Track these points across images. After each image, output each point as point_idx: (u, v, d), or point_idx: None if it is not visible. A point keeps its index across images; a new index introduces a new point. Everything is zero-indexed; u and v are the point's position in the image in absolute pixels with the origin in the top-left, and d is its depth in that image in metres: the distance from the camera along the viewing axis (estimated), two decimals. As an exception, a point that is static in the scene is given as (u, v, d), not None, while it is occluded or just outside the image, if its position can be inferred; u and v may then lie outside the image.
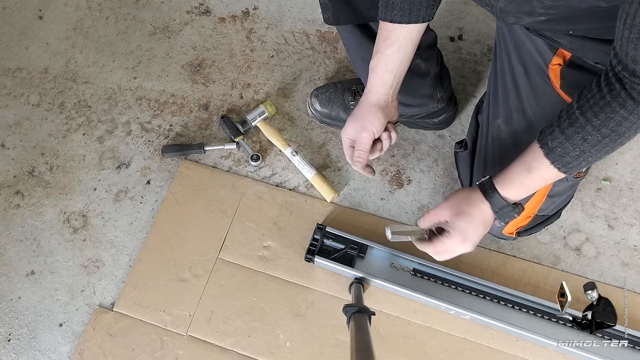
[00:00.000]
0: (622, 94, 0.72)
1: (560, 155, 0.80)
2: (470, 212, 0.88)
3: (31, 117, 1.43)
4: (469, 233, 0.88)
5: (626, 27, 0.65)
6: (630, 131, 0.75)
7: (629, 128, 0.75)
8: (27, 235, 1.29)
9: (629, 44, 0.66)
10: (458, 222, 0.89)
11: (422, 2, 0.88)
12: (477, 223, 0.89)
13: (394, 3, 0.88)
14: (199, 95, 1.44)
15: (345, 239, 1.18)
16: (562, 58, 0.91)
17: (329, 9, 1.03)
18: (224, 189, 1.31)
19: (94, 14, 1.58)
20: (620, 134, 0.76)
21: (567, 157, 0.80)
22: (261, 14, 1.55)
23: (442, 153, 1.35)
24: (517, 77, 0.98)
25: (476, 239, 0.89)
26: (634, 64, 0.68)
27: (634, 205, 1.28)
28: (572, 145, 0.79)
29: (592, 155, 0.79)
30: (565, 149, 0.80)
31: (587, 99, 0.77)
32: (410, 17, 0.89)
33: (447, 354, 1.13)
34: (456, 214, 0.89)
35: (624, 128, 0.75)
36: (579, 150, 0.79)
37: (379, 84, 0.94)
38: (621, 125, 0.74)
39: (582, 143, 0.78)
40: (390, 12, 0.89)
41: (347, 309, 0.96)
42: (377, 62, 0.93)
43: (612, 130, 0.75)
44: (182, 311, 1.18)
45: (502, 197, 0.87)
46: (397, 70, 0.94)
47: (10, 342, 1.19)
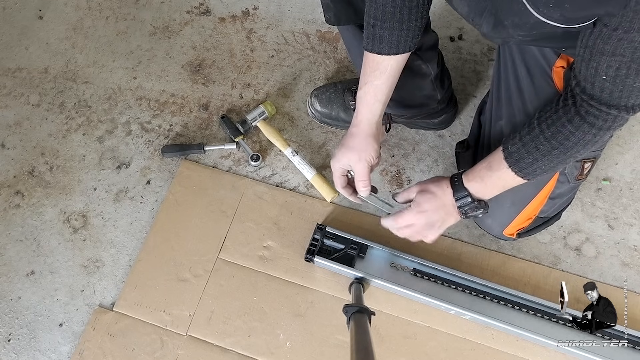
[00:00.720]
0: (572, 110, 0.77)
1: (516, 160, 0.86)
2: (434, 192, 0.94)
3: (31, 117, 1.43)
4: (426, 208, 0.94)
5: (581, 47, 0.70)
6: (578, 146, 0.80)
7: (576, 143, 0.79)
8: (27, 235, 1.29)
9: (582, 62, 0.71)
10: (419, 197, 0.95)
11: (409, 33, 0.91)
12: (436, 202, 0.94)
13: (381, 36, 0.90)
14: (199, 95, 1.44)
15: (345, 239, 1.18)
16: (565, 61, 0.91)
17: (331, 9, 1.03)
18: (224, 189, 1.31)
19: (94, 14, 1.58)
20: (568, 147, 0.81)
21: (522, 162, 0.85)
22: (261, 14, 1.55)
23: (442, 153, 1.35)
24: (521, 79, 0.98)
25: (434, 217, 0.94)
26: (585, 81, 0.73)
27: (634, 205, 1.28)
28: (527, 152, 0.84)
29: (545, 164, 0.84)
30: (521, 154, 0.85)
31: (546, 111, 0.82)
32: (397, 48, 0.92)
33: (447, 354, 1.13)
34: (420, 191, 0.96)
35: (571, 142, 0.80)
36: (532, 158, 0.84)
37: (370, 115, 0.98)
38: (568, 139, 0.79)
39: (535, 151, 0.83)
40: (377, 45, 0.91)
41: (347, 309, 0.96)
42: (366, 93, 0.96)
43: (560, 143, 0.80)
44: (182, 311, 1.18)
45: (464, 186, 0.92)
46: (386, 99, 0.97)
47: (10, 342, 1.19)
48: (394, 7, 0.87)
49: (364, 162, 0.99)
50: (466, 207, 0.93)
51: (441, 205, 0.94)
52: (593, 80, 0.71)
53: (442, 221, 0.95)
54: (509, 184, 0.91)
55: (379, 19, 0.89)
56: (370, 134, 0.98)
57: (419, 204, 0.95)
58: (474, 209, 0.93)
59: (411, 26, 0.90)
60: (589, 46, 0.69)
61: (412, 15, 0.89)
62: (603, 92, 0.72)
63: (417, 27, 0.91)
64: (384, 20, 0.89)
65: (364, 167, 0.99)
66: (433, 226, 0.95)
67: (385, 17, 0.89)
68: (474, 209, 0.93)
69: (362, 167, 1.00)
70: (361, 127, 0.98)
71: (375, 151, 0.99)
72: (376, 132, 0.99)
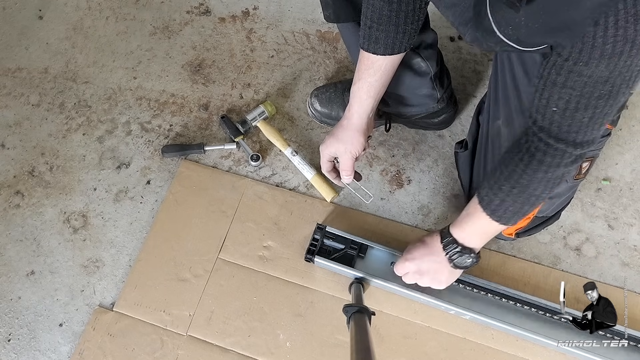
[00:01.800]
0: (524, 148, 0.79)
1: (487, 203, 0.88)
2: (424, 240, 1.02)
3: (31, 117, 1.43)
4: (415, 256, 1.01)
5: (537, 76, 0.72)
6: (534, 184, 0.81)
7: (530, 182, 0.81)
8: (27, 235, 1.29)
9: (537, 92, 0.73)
10: (411, 245, 1.05)
11: (405, 36, 0.93)
12: (424, 249, 1.00)
13: (377, 37, 0.93)
14: (199, 95, 1.44)
15: (345, 239, 1.18)
16: None
17: (330, 6, 1.04)
18: (224, 189, 1.31)
19: (94, 14, 1.58)
20: (524, 185, 0.82)
21: (492, 204, 0.87)
22: (261, 14, 1.55)
23: (442, 153, 1.35)
24: (518, 78, 0.98)
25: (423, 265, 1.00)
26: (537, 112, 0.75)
27: (634, 205, 1.28)
28: (494, 194, 0.86)
29: (511, 205, 0.85)
30: (490, 197, 0.87)
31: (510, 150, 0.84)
32: (393, 49, 0.94)
33: (447, 354, 1.13)
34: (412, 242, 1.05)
35: (526, 181, 0.81)
36: (498, 199, 0.86)
37: (361, 110, 1.02)
38: (522, 177, 0.81)
39: (499, 192, 0.85)
40: (373, 45, 0.94)
41: (347, 309, 0.96)
42: (360, 89, 1.00)
43: (516, 182, 0.82)
44: (182, 311, 1.18)
45: (450, 233, 0.96)
46: (378, 95, 1.02)
47: (10, 342, 1.19)
48: (390, 10, 0.88)
49: (349, 154, 1.07)
50: (453, 255, 0.96)
51: (428, 253, 0.99)
52: (544, 111, 0.73)
53: (434, 270, 0.99)
54: (488, 230, 0.92)
55: (375, 21, 0.90)
56: (359, 129, 1.04)
57: (408, 251, 1.03)
58: (461, 255, 0.95)
59: (407, 29, 0.92)
60: (543, 76, 0.70)
61: (408, 19, 0.90)
62: (552, 124, 0.73)
63: (413, 29, 0.93)
64: (380, 23, 0.90)
65: (349, 159, 1.08)
66: (423, 274, 1.00)
67: (381, 20, 0.90)
68: (461, 255, 0.95)
69: (346, 159, 1.08)
70: (352, 120, 1.04)
71: (361, 145, 1.06)
72: (365, 127, 1.05)
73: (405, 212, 1.28)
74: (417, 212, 1.28)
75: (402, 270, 1.04)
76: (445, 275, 1.00)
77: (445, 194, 1.30)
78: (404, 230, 1.25)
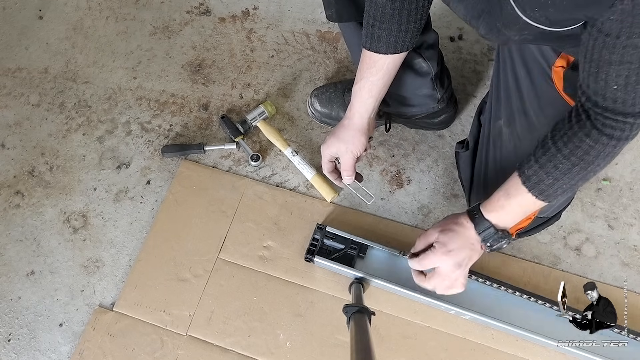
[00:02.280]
0: (587, 124, 0.76)
1: (535, 183, 0.84)
2: (455, 229, 0.92)
3: (31, 117, 1.43)
4: (451, 247, 0.91)
5: (586, 61, 0.69)
6: (599, 159, 0.79)
7: (597, 157, 0.78)
8: (27, 235, 1.29)
9: (590, 77, 0.70)
10: (442, 236, 0.92)
11: (407, 34, 0.92)
12: (460, 240, 0.92)
13: (380, 36, 0.92)
14: (199, 95, 1.44)
15: (345, 239, 1.18)
16: (565, 60, 0.91)
17: (332, 5, 1.04)
18: (224, 189, 1.31)
19: (94, 14, 1.58)
20: (588, 162, 0.79)
21: (542, 184, 0.84)
22: (261, 14, 1.55)
23: (442, 153, 1.35)
24: (520, 79, 0.98)
25: (460, 256, 0.91)
26: (595, 95, 0.72)
27: (634, 205, 1.28)
28: (546, 173, 0.83)
29: (566, 182, 0.83)
30: (540, 176, 0.83)
31: (559, 129, 0.81)
32: (395, 48, 0.93)
33: (447, 354, 1.13)
34: (441, 231, 0.93)
35: (592, 157, 0.78)
36: (552, 178, 0.83)
37: (363, 109, 1.01)
38: (588, 154, 0.78)
39: (554, 171, 0.82)
40: (376, 44, 0.93)
41: (347, 309, 0.96)
42: (361, 88, 0.99)
43: (580, 159, 0.79)
44: (182, 311, 1.18)
45: (485, 218, 0.90)
46: (379, 95, 1.01)
47: (10, 342, 1.19)
48: (392, 9, 0.88)
49: (350, 154, 1.06)
50: (490, 240, 0.90)
51: (466, 242, 0.92)
52: (604, 92, 0.70)
53: (468, 259, 0.92)
54: (530, 209, 0.89)
55: (377, 20, 0.90)
56: (360, 129, 1.03)
57: (444, 244, 0.92)
58: (498, 239, 0.91)
59: (409, 28, 0.91)
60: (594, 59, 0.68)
61: (410, 18, 0.90)
62: (616, 102, 0.71)
63: (416, 28, 0.92)
64: (382, 21, 0.90)
65: (350, 158, 1.07)
66: (460, 265, 0.92)
67: (384, 19, 0.89)
68: (498, 239, 0.91)
69: (348, 159, 1.07)
70: (353, 120, 1.03)
71: (362, 145, 1.05)
72: (366, 127, 1.04)
73: (405, 212, 1.28)
74: (417, 212, 1.28)
75: (434, 262, 0.93)
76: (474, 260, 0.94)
77: (445, 194, 1.30)
78: (404, 230, 1.25)
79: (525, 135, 1.00)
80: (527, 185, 0.85)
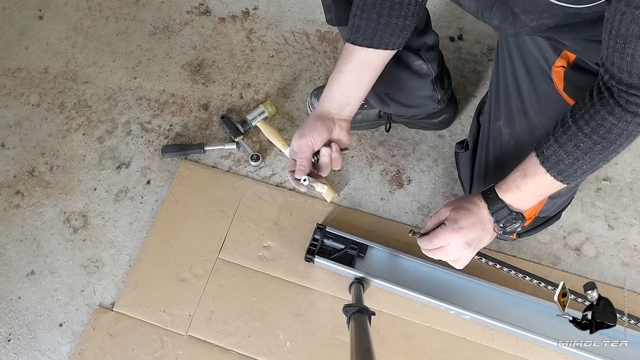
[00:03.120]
0: (610, 102, 0.74)
1: (554, 163, 0.82)
2: (467, 207, 0.89)
3: (31, 117, 1.43)
4: (463, 225, 0.88)
5: (611, 38, 0.67)
6: (622, 138, 0.77)
7: (619, 135, 0.76)
8: (27, 235, 1.29)
9: (615, 53, 0.68)
10: (453, 214, 0.89)
11: (387, 29, 0.88)
12: (472, 218, 0.89)
13: (358, 26, 0.88)
14: (199, 95, 1.44)
15: (345, 239, 1.18)
16: (565, 60, 0.91)
17: (332, 9, 1.03)
18: (224, 189, 1.31)
19: (94, 14, 1.58)
20: (611, 141, 0.77)
21: (561, 164, 0.81)
22: (261, 14, 1.55)
23: (442, 153, 1.35)
24: (520, 78, 0.98)
25: (470, 235, 0.88)
26: (620, 72, 0.70)
27: (634, 205, 1.28)
28: (566, 153, 0.80)
29: (586, 162, 0.80)
30: (559, 156, 0.81)
31: (579, 107, 0.78)
32: (371, 41, 0.88)
33: (447, 354, 1.13)
34: (453, 209, 0.90)
35: (614, 135, 0.76)
36: (572, 158, 0.80)
37: (327, 98, 0.94)
38: (611, 132, 0.76)
39: (575, 150, 0.79)
40: (354, 34, 0.89)
41: (347, 309, 0.96)
42: (332, 78, 0.93)
43: (602, 137, 0.77)
44: (182, 311, 1.18)
45: (499, 197, 0.87)
46: (348, 90, 0.93)
47: (10, 342, 1.19)
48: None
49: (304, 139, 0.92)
50: (503, 220, 0.88)
51: (477, 221, 0.88)
52: (630, 68, 0.68)
53: (479, 239, 0.90)
54: (547, 191, 0.87)
55: (359, 9, 0.87)
56: (318, 116, 0.93)
57: (455, 221, 0.89)
58: (512, 221, 0.88)
59: (390, 22, 0.87)
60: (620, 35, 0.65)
61: (393, 11, 0.86)
62: None
63: (398, 25, 0.88)
64: (363, 10, 0.87)
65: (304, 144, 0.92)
66: (470, 245, 0.89)
67: (365, 8, 0.86)
68: (512, 221, 0.88)
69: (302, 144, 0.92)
70: (318, 109, 0.95)
71: (318, 133, 0.92)
72: (327, 117, 0.93)
73: (405, 212, 1.28)
74: (417, 212, 1.28)
75: (445, 240, 0.89)
76: (485, 243, 0.91)
77: (445, 194, 1.30)
78: (404, 230, 1.25)
79: (525, 135, 1.00)
80: (545, 165, 0.82)
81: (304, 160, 0.93)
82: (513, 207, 0.87)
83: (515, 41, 0.97)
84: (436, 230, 0.90)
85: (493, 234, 0.90)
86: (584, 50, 0.86)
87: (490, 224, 0.89)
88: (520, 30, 0.81)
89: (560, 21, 0.75)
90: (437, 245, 0.90)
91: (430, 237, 0.91)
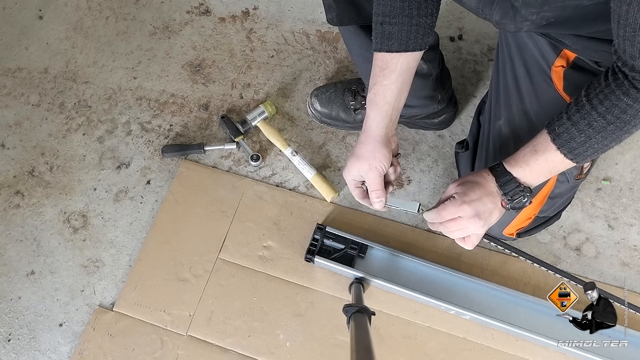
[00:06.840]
0: (625, 83, 0.73)
1: (566, 141, 0.81)
2: (475, 180, 0.88)
3: (31, 117, 1.43)
4: (472, 197, 0.86)
5: (620, 27, 0.67)
6: (636, 119, 0.76)
7: (634, 116, 0.76)
8: (27, 235, 1.29)
9: (625, 41, 0.68)
10: (461, 187, 0.88)
11: (419, 29, 0.87)
12: (480, 191, 0.87)
13: (390, 32, 0.87)
14: (199, 95, 1.44)
15: (345, 239, 1.18)
16: (565, 60, 0.91)
17: (333, 9, 1.02)
18: (224, 189, 1.31)
19: (94, 14, 1.58)
20: (625, 121, 0.76)
21: (573, 142, 0.80)
22: (261, 14, 1.55)
23: (442, 153, 1.35)
24: (519, 78, 0.98)
25: (480, 207, 0.86)
26: (632, 59, 0.70)
27: (634, 205, 1.28)
28: (578, 131, 0.79)
29: (598, 142, 0.80)
30: (572, 134, 0.80)
31: (594, 87, 0.78)
32: (407, 45, 0.88)
33: (447, 354, 1.13)
34: (461, 183, 0.89)
35: (629, 116, 0.76)
36: (584, 136, 0.79)
37: (379, 117, 0.91)
38: (626, 112, 0.75)
39: (588, 129, 0.79)
40: (387, 42, 0.88)
41: (347, 309, 0.96)
42: (375, 94, 0.90)
43: (616, 117, 0.76)
44: (182, 311, 1.18)
45: (507, 170, 0.86)
46: (395, 101, 0.91)
47: (10, 342, 1.19)
48: (402, 2, 0.85)
49: (374, 170, 0.92)
50: (511, 193, 0.86)
51: (486, 193, 0.86)
52: None
53: (489, 212, 0.87)
54: (556, 168, 0.86)
55: (387, 15, 0.86)
56: (379, 140, 0.92)
57: (464, 193, 0.86)
58: (520, 194, 0.86)
59: (421, 22, 0.87)
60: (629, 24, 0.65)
61: (421, 11, 0.86)
62: None
63: (427, 24, 0.88)
64: (392, 15, 0.86)
65: (375, 176, 0.93)
66: (480, 217, 0.86)
67: (394, 13, 0.86)
68: (520, 194, 0.86)
69: (373, 177, 0.93)
70: (370, 133, 0.92)
71: (385, 158, 0.92)
72: (387, 139, 0.93)
73: (405, 212, 1.28)
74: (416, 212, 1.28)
75: (454, 213, 0.87)
76: (495, 218, 0.89)
77: (445, 194, 1.30)
78: (404, 230, 1.25)
79: (525, 135, 1.00)
80: (556, 142, 0.82)
81: (381, 191, 0.93)
82: (524, 181, 0.86)
83: (515, 41, 0.97)
84: (444, 203, 0.88)
85: (502, 210, 0.89)
86: (584, 49, 0.86)
87: (498, 196, 0.87)
88: (521, 26, 0.80)
89: (560, 14, 0.75)
90: (447, 217, 0.88)
91: (439, 210, 0.89)
